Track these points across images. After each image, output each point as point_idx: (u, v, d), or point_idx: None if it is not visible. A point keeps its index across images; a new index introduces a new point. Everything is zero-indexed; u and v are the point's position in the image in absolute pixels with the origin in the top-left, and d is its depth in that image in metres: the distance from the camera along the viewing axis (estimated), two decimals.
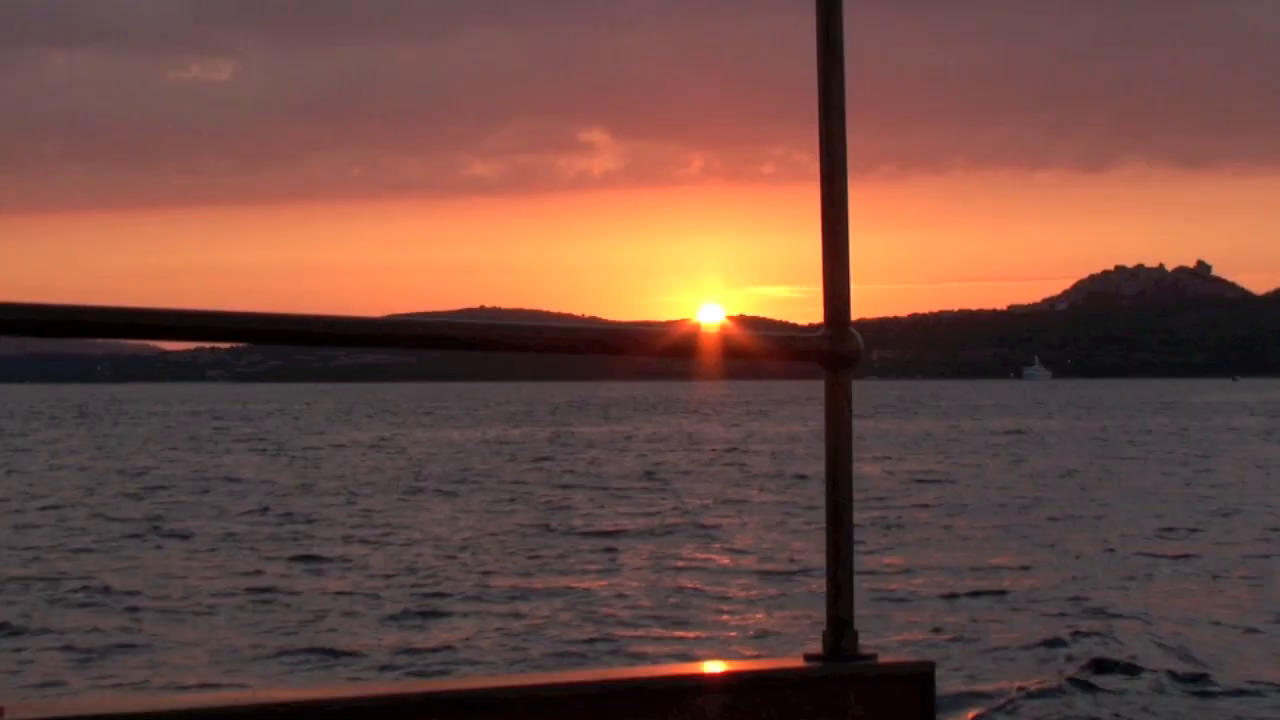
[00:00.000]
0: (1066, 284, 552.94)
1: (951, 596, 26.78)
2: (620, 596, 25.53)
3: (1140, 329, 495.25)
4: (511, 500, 44.73)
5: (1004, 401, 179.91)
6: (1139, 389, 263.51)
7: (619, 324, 1.92)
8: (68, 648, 21.26)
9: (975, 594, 26.65)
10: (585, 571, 28.61)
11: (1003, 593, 25.76)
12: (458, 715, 1.70)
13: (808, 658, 2.09)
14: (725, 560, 30.63)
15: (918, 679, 2.08)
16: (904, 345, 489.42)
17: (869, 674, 2.06)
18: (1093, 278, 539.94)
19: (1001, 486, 49.56)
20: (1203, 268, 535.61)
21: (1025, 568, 29.40)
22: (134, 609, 24.40)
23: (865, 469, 56.50)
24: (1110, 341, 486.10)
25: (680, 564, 30.03)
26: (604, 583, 27.03)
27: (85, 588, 26.60)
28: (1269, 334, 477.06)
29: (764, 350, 2.17)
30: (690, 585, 26.96)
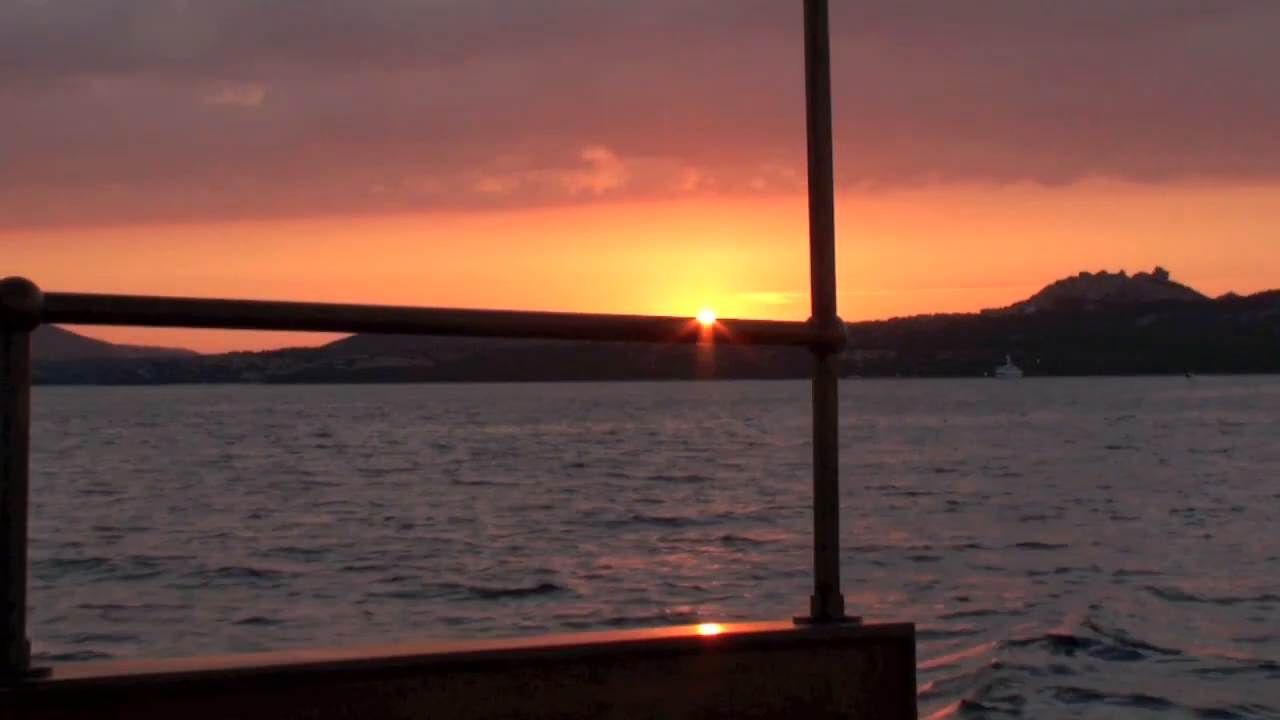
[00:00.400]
0: (1035, 289, 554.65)
1: (927, 560, 27.67)
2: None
3: (1103, 330, 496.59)
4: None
5: (985, 397, 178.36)
6: (1103, 385, 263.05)
7: (622, 315, 2.38)
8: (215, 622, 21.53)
9: (966, 564, 26.94)
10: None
11: (995, 568, 25.77)
12: (472, 674, 1.77)
13: (797, 620, 2.14)
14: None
15: (898, 639, 2.12)
16: (885, 347, 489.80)
17: (853, 635, 2.10)
18: (1059, 283, 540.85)
19: (1009, 474, 49.52)
20: (1160, 274, 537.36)
21: (1024, 544, 29.51)
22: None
23: (886, 459, 57.42)
24: (1076, 342, 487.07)
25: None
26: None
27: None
28: (1222, 335, 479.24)
29: (757, 337, 2.23)
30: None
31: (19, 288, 1.54)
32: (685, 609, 22.62)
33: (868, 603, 21.92)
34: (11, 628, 1.55)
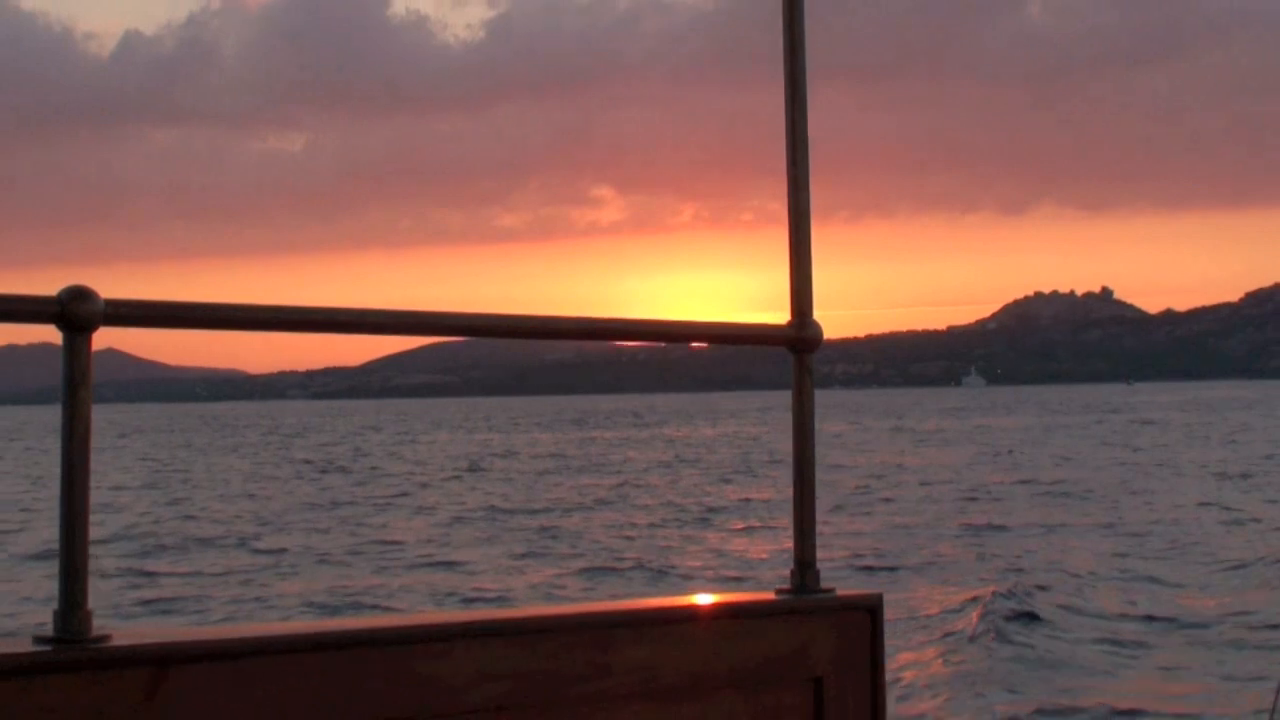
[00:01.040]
0: (995, 307, 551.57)
1: (903, 531, 28.65)
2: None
3: (1056, 343, 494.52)
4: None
5: (960, 405, 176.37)
6: (1056, 392, 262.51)
7: (616, 318, 1.97)
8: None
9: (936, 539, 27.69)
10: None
11: (980, 551, 25.70)
12: (488, 638, 1.76)
13: (778, 592, 2.12)
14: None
15: (868, 609, 2.11)
16: (862, 361, 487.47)
17: (828, 604, 2.08)
18: (1016, 302, 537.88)
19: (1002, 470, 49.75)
20: (1106, 293, 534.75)
21: (992, 526, 29.93)
22: None
23: (910, 460, 57.72)
24: (1032, 354, 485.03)
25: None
26: None
27: None
28: (1160, 346, 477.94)
29: (741, 338, 2.19)
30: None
31: (81, 294, 1.57)
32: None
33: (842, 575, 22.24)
34: (76, 599, 1.57)
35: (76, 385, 1.56)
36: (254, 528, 33.15)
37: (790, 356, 2.19)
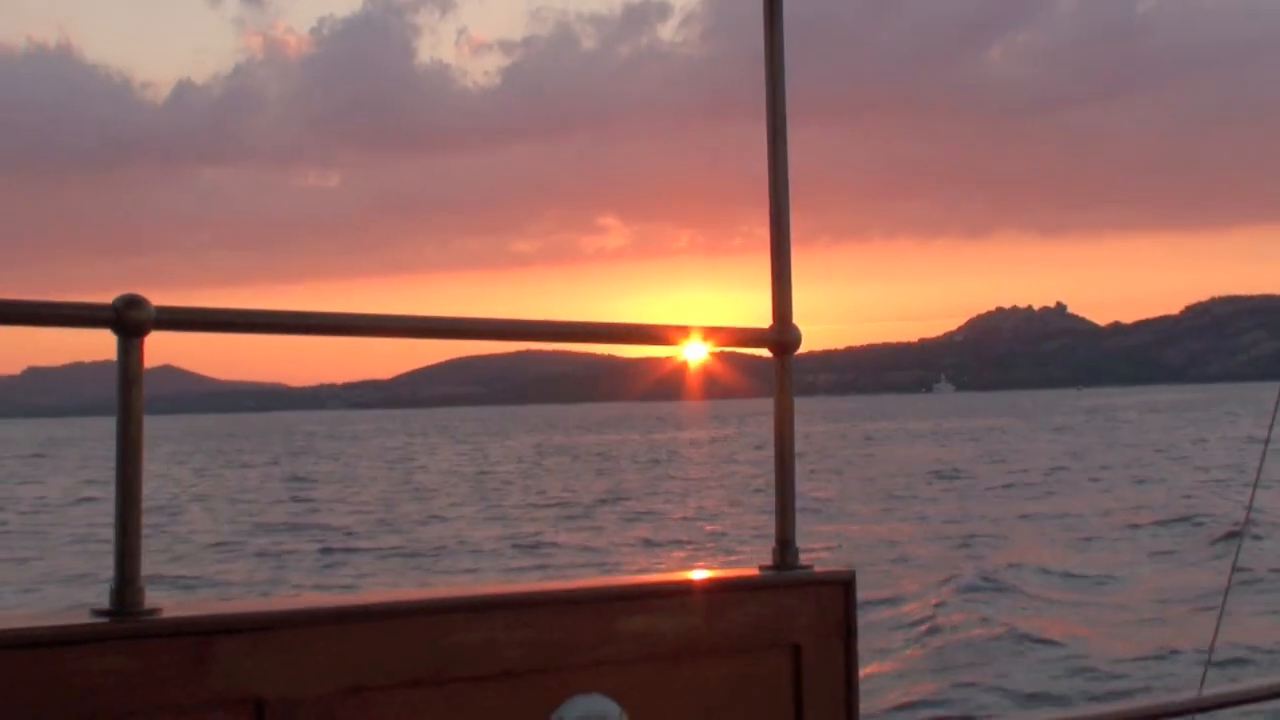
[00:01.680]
0: (961, 321, 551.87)
1: (881, 512, 28.81)
2: None
3: (1016, 353, 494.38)
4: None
5: (938, 410, 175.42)
6: (1018, 397, 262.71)
7: (607, 322, 1.93)
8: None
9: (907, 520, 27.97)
10: None
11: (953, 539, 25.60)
12: (502, 611, 1.77)
13: (762, 568, 2.11)
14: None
15: (843, 583, 2.10)
16: (843, 370, 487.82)
17: (807, 579, 2.08)
18: (980, 317, 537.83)
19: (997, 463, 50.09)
20: (1060, 308, 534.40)
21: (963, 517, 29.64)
22: None
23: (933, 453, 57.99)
24: (995, 363, 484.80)
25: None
26: None
27: None
28: (1110, 355, 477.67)
29: (725, 341, 2.15)
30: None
31: (134, 301, 1.60)
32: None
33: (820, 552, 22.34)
34: (130, 575, 1.60)
35: (130, 384, 1.59)
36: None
37: (772, 357, 2.20)
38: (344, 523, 33.00)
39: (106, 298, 1.59)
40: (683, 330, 2.12)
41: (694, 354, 2.18)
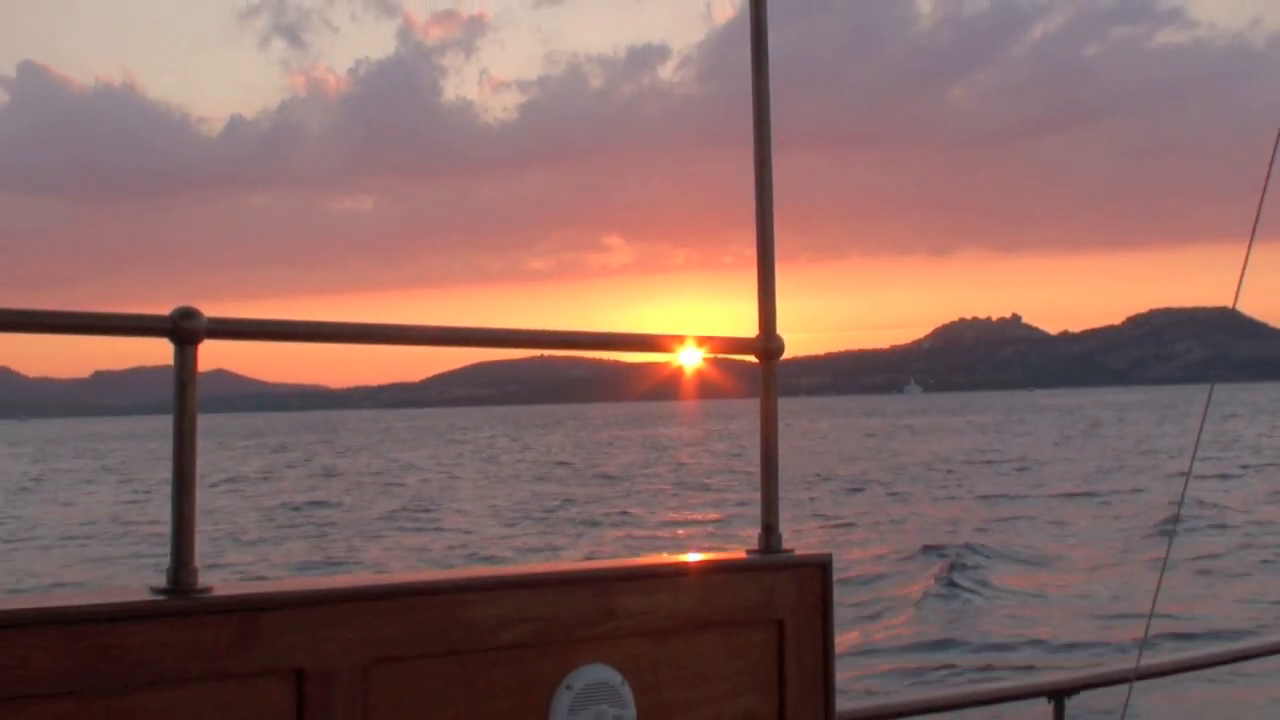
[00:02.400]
0: (928, 330, 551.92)
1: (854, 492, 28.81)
2: None
3: (977, 359, 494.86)
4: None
5: (906, 408, 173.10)
6: (980, 398, 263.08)
7: (603, 331, 1.91)
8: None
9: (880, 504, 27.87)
10: None
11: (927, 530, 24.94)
12: (513, 590, 1.77)
13: (748, 552, 2.09)
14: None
15: (821, 565, 2.09)
16: (822, 374, 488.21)
17: (789, 562, 2.06)
18: (945, 326, 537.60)
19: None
20: (1016, 318, 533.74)
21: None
22: None
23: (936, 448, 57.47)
24: (957, 368, 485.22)
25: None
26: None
27: None
28: (1060, 360, 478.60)
29: (716, 348, 2.11)
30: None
31: (188, 313, 1.62)
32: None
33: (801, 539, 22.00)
34: (185, 557, 1.61)
35: (185, 385, 1.62)
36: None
37: (758, 364, 2.18)
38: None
39: (165, 309, 1.61)
40: (679, 339, 2.11)
41: (689, 360, 2.15)
